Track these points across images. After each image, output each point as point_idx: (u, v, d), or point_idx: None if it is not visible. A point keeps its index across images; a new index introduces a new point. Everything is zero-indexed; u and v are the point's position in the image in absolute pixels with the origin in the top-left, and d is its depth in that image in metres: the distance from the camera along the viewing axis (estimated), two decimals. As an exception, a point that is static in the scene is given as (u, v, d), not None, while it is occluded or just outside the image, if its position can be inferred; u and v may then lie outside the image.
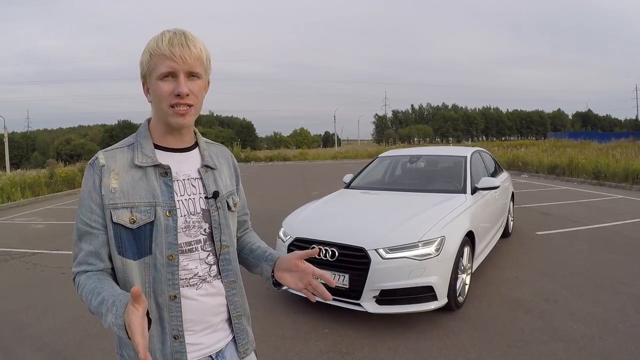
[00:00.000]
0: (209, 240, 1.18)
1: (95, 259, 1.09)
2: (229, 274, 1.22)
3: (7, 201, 12.01)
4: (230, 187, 1.29)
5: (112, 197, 1.07)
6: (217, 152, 1.30)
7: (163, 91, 1.06)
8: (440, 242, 3.37)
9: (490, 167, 5.88)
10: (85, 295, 1.06)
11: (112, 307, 0.96)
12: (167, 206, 1.10)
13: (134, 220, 1.07)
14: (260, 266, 1.33)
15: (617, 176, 12.23)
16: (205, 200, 1.18)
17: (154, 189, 1.10)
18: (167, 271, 1.10)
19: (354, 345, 3.16)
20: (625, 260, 4.98)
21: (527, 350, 2.98)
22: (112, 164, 1.10)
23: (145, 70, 1.10)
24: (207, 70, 1.14)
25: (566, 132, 62.80)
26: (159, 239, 1.09)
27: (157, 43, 1.06)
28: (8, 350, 3.26)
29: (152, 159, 1.11)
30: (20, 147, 69.78)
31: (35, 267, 5.50)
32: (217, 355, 1.21)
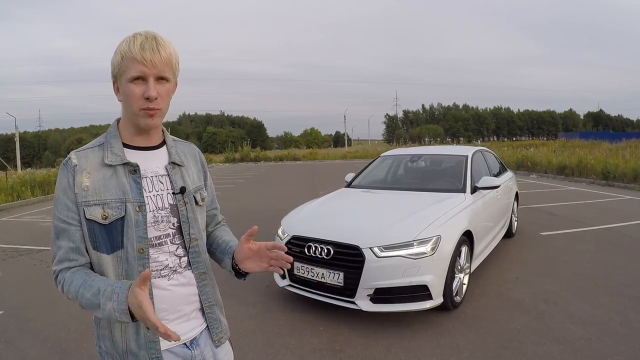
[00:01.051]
0: (177, 234, 1.23)
1: (76, 254, 1.14)
2: (198, 265, 1.27)
3: (18, 199, 12.22)
4: (198, 183, 1.34)
5: (84, 194, 1.12)
6: (185, 149, 1.35)
7: (133, 94, 1.11)
8: (435, 241, 3.36)
9: (493, 166, 5.85)
10: (73, 290, 1.09)
11: (112, 294, 1.03)
12: (136, 202, 1.15)
13: (105, 216, 1.12)
14: (224, 260, 1.37)
15: (626, 177, 12.06)
16: (172, 196, 1.23)
17: (124, 186, 1.15)
18: (138, 264, 1.14)
19: (347, 343, 3.17)
20: (629, 262, 4.92)
21: (521, 351, 2.96)
22: (84, 164, 1.15)
23: (117, 71, 1.14)
24: (175, 73, 1.19)
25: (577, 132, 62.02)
26: (129, 234, 1.14)
27: (129, 46, 1.10)
28: (11, 342, 3.34)
29: (121, 158, 1.17)
30: (32, 146, 70.96)
31: (41, 263, 5.61)
32: (191, 343, 1.27)
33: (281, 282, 3.85)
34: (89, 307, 1.08)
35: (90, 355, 3.09)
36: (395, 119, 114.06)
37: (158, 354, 1.17)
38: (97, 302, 1.05)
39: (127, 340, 1.16)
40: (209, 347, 1.32)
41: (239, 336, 3.31)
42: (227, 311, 1.46)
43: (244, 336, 3.33)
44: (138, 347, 1.16)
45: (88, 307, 1.09)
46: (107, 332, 1.18)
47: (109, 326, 1.17)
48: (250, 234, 1.25)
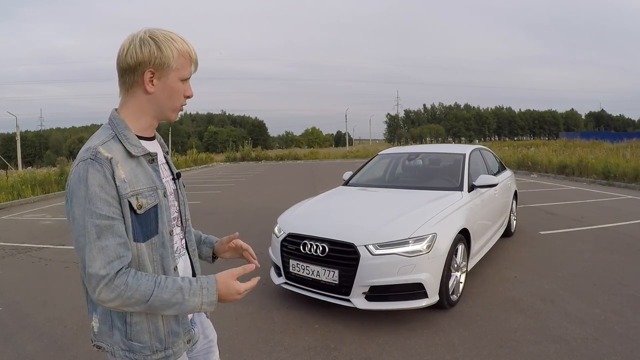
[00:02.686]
0: (179, 217, 1.34)
1: (125, 250, 1.10)
2: (192, 243, 1.41)
3: (18, 198, 12.25)
4: None
5: (125, 187, 1.11)
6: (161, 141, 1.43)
7: (180, 91, 1.21)
8: (431, 239, 3.35)
9: (492, 165, 5.84)
10: (142, 293, 1.07)
11: (201, 290, 1.14)
12: (162, 188, 1.23)
13: (140, 206, 1.14)
14: (199, 248, 1.53)
15: (626, 176, 12.03)
16: (172, 181, 1.34)
17: (150, 174, 1.21)
18: (169, 245, 1.23)
19: (342, 341, 3.17)
20: (628, 261, 4.90)
21: (517, 350, 2.95)
22: (114, 156, 1.12)
23: (165, 64, 1.15)
24: None
25: (578, 132, 61.82)
26: (164, 219, 1.22)
27: (189, 48, 1.20)
28: (8, 338, 3.36)
29: (142, 149, 1.19)
30: (34, 145, 71.09)
31: (40, 261, 5.62)
32: (191, 322, 1.37)
33: (277, 280, 3.85)
34: (160, 307, 1.10)
35: (86, 351, 3.10)
36: (396, 119, 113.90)
37: (189, 326, 1.31)
38: (175, 300, 1.10)
39: (170, 323, 1.23)
40: (200, 325, 1.45)
41: (234, 333, 3.31)
42: (223, 308, 1.56)
43: (239, 333, 3.33)
44: (178, 325, 1.25)
45: (157, 308, 1.10)
46: (145, 326, 1.18)
47: (148, 319, 1.18)
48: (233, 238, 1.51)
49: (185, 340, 1.28)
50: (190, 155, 31.34)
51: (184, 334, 1.28)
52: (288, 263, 3.65)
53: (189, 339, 1.29)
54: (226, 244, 1.51)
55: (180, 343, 1.26)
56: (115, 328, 1.19)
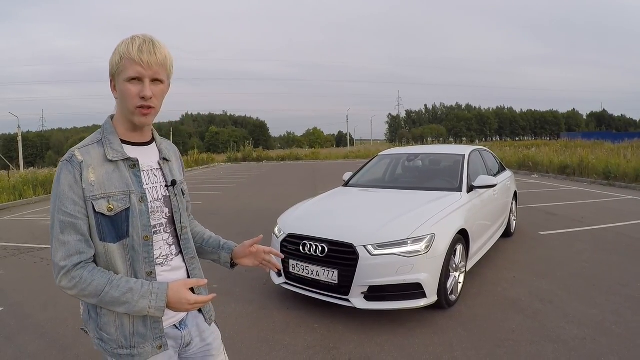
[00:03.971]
0: (169, 223, 1.35)
1: (86, 246, 1.19)
2: (189, 251, 1.41)
3: (20, 198, 12.29)
4: (180, 177, 1.46)
5: (91, 189, 1.18)
6: (168, 146, 1.46)
7: (130, 93, 1.20)
8: (429, 239, 3.37)
9: (492, 166, 5.86)
10: (93, 288, 1.16)
11: (150, 294, 1.17)
12: (139, 193, 1.25)
13: (111, 208, 1.20)
14: (218, 254, 1.56)
15: (627, 177, 12.02)
16: (165, 188, 1.35)
17: (127, 179, 1.24)
18: (143, 250, 1.25)
19: (341, 340, 3.19)
20: (627, 261, 4.91)
21: (515, 350, 2.97)
22: (88, 160, 1.21)
23: (115, 70, 1.22)
24: (169, 75, 1.28)
25: (580, 132, 61.66)
26: (135, 223, 1.23)
27: (128, 48, 1.18)
28: (10, 338, 3.39)
29: (122, 154, 1.25)
30: (35, 146, 71.19)
31: (42, 261, 5.66)
32: (180, 324, 1.39)
33: (277, 280, 3.87)
34: (110, 303, 1.17)
35: (88, 351, 3.13)
36: (397, 119, 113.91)
37: (161, 333, 1.29)
38: (125, 299, 1.16)
39: (135, 324, 1.26)
40: (196, 328, 1.43)
41: (234, 333, 3.34)
42: (223, 308, 1.57)
43: (240, 333, 3.36)
44: (145, 329, 1.27)
45: (108, 303, 1.18)
46: (112, 320, 1.25)
47: (115, 315, 1.24)
48: (256, 242, 1.51)
49: (155, 345, 1.28)
50: (192, 156, 31.40)
51: (153, 339, 1.28)
52: (288, 263, 3.67)
53: (160, 345, 1.28)
54: (247, 247, 1.51)
55: (148, 346, 1.27)
56: (91, 316, 1.29)
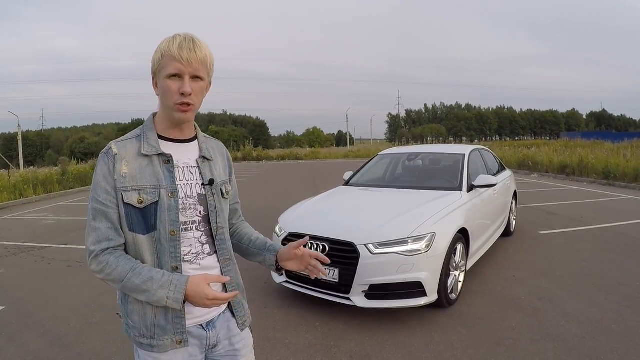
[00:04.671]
0: (203, 222, 1.34)
1: (115, 234, 1.24)
2: (224, 252, 1.39)
3: (20, 198, 12.31)
4: (224, 177, 1.45)
5: (123, 181, 1.23)
6: (214, 145, 1.46)
7: (170, 89, 1.22)
8: (430, 238, 3.39)
9: (491, 165, 5.87)
10: (117, 274, 1.21)
11: (169, 285, 1.19)
12: (169, 189, 1.26)
13: (141, 200, 1.23)
14: (263, 256, 1.53)
15: (627, 176, 12.05)
16: (201, 187, 1.34)
17: (159, 174, 1.26)
18: (170, 245, 1.26)
19: (342, 339, 3.21)
20: (626, 260, 4.93)
21: (514, 348, 2.99)
22: (123, 153, 1.26)
23: (156, 67, 1.25)
24: (209, 73, 1.29)
25: (579, 132, 61.66)
26: (162, 217, 1.25)
27: (169, 45, 1.21)
28: (12, 336, 3.40)
29: (156, 149, 1.28)
30: (35, 145, 71.06)
31: (43, 260, 5.67)
32: (207, 325, 1.36)
33: (278, 279, 3.89)
34: (132, 290, 1.21)
35: (89, 349, 3.15)
36: (397, 119, 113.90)
37: (183, 329, 1.29)
38: (145, 288, 1.19)
39: (157, 316, 1.27)
40: (225, 331, 1.40)
41: (235, 332, 3.35)
42: None
43: (241, 332, 3.37)
44: (166, 322, 1.27)
45: (130, 290, 1.21)
46: (137, 308, 1.29)
47: (140, 304, 1.28)
48: (302, 243, 1.44)
49: (175, 340, 1.29)
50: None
51: (173, 333, 1.28)
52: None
53: (180, 340, 1.29)
54: (292, 249, 1.44)
55: (167, 339, 1.28)
56: (122, 302, 1.34)
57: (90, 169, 17.22)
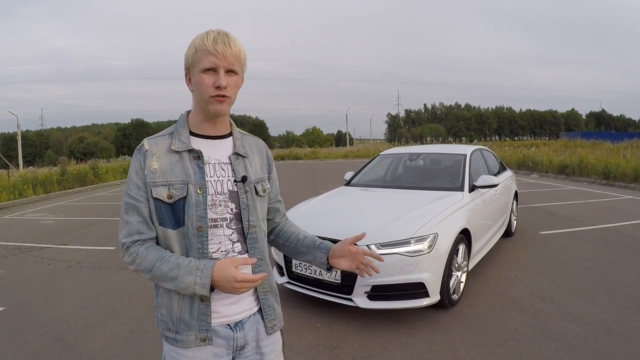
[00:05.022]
0: (235, 220, 1.32)
1: (145, 228, 1.27)
2: (256, 251, 1.35)
3: (19, 198, 12.29)
4: (261, 175, 1.42)
5: (152, 176, 1.25)
6: (251, 142, 1.45)
7: (205, 83, 1.22)
8: (432, 238, 3.38)
9: (492, 165, 5.87)
10: (147, 263, 1.23)
11: (196, 270, 1.18)
12: (198, 184, 1.26)
13: (170, 196, 1.25)
14: (313, 254, 1.47)
15: (627, 176, 12.05)
16: (233, 183, 1.33)
17: (188, 169, 1.27)
18: (197, 241, 1.26)
19: (344, 340, 3.20)
20: (627, 261, 4.93)
21: (517, 349, 2.98)
22: (154, 149, 1.28)
23: (190, 62, 1.26)
24: (243, 68, 1.29)
25: (579, 132, 61.70)
26: (190, 212, 1.25)
27: (203, 40, 1.22)
28: (12, 337, 3.38)
29: (186, 145, 1.29)
30: (34, 145, 71.01)
31: (42, 260, 5.65)
32: (235, 325, 1.33)
33: (280, 280, 3.88)
34: (160, 279, 1.22)
35: (90, 350, 3.14)
36: (397, 118, 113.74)
37: (208, 327, 1.28)
38: (173, 275, 1.19)
39: (182, 310, 1.28)
40: (254, 333, 1.37)
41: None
42: None
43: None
44: (191, 317, 1.27)
45: (159, 279, 1.23)
46: (165, 301, 1.30)
47: (168, 296, 1.29)
48: (358, 239, 1.41)
49: (199, 337, 1.28)
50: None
51: (198, 330, 1.28)
52: (290, 262, 3.68)
53: (204, 338, 1.28)
54: (346, 246, 1.39)
55: (191, 336, 1.28)
56: (154, 294, 1.36)
57: (90, 168, 17.20)
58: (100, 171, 17.64)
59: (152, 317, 3.75)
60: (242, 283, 1.17)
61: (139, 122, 75.97)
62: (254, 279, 1.19)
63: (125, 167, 20.62)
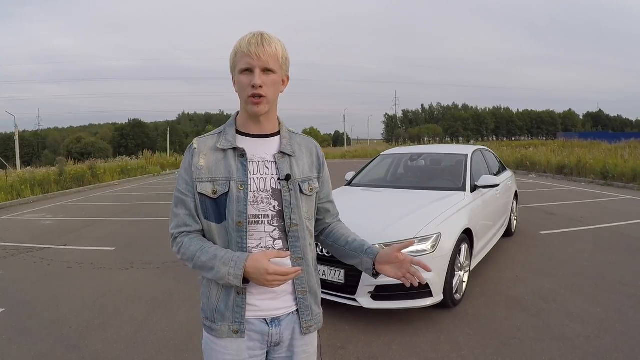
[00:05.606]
0: (277, 217, 1.33)
1: (192, 221, 1.34)
2: (296, 250, 1.35)
3: (17, 198, 12.25)
4: (309, 174, 1.42)
5: (199, 173, 1.32)
6: (301, 141, 1.46)
7: (242, 83, 1.28)
8: (436, 238, 3.38)
9: (493, 165, 5.88)
10: (190, 252, 1.29)
11: (230, 262, 1.22)
12: (239, 181, 1.31)
13: (215, 191, 1.31)
14: (360, 258, 1.44)
15: (625, 176, 12.11)
16: (277, 181, 1.34)
17: (231, 167, 1.32)
18: (236, 235, 1.30)
19: (348, 340, 3.20)
20: (627, 260, 4.95)
21: (520, 348, 2.99)
22: (202, 147, 1.36)
23: (232, 65, 1.33)
24: (282, 66, 1.32)
25: (576, 132, 61.92)
26: (231, 208, 1.30)
27: (241, 43, 1.28)
28: (13, 339, 3.36)
29: (231, 143, 1.34)
30: (32, 145, 70.74)
31: (42, 261, 5.63)
32: (272, 321, 1.35)
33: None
34: (200, 268, 1.28)
35: (93, 352, 3.12)
36: (394, 119, 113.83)
37: (242, 319, 1.31)
38: (211, 265, 1.24)
39: (219, 300, 1.32)
40: (290, 331, 1.38)
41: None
42: None
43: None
44: (226, 309, 1.31)
45: (199, 268, 1.29)
46: (207, 290, 1.36)
47: (209, 286, 1.34)
48: (407, 246, 1.40)
49: (233, 328, 1.31)
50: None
51: (232, 321, 1.31)
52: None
53: (237, 330, 1.31)
54: (394, 252, 1.34)
55: (225, 326, 1.31)
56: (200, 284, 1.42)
57: (88, 169, 17.15)
58: (99, 171, 17.59)
59: (153, 318, 3.76)
60: (273, 276, 1.19)
61: (136, 123, 75.87)
62: (286, 272, 1.21)
63: (123, 167, 20.59)
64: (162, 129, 74.32)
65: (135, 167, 21.72)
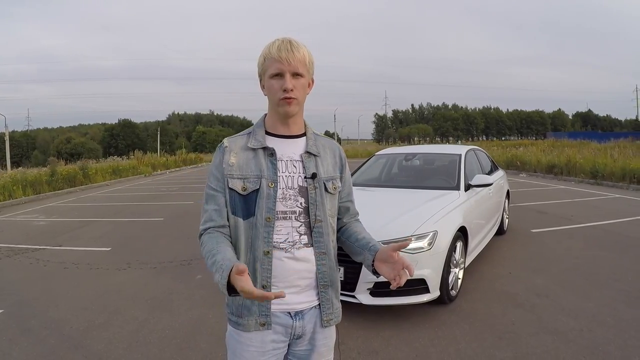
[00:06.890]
0: (303, 213, 1.41)
1: (217, 216, 1.39)
2: (320, 245, 1.42)
3: (9, 199, 12.13)
4: (332, 174, 1.50)
5: (229, 169, 1.39)
6: (325, 143, 1.53)
7: (274, 87, 1.36)
8: (432, 236, 3.46)
9: (485, 165, 5.98)
10: (203, 253, 1.35)
11: (220, 270, 1.23)
12: (270, 179, 1.38)
13: (245, 188, 1.37)
14: (363, 255, 1.47)
15: (614, 176, 12.32)
16: (303, 179, 1.42)
17: (262, 165, 1.39)
18: (264, 230, 1.36)
19: (348, 336, 3.25)
20: (617, 257, 5.08)
21: (516, 341, 3.08)
22: (232, 146, 1.43)
23: (261, 70, 1.40)
24: (309, 70, 1.41)
25: (566, 132, 62.66)
26: (260, 204, 1.36)
27: (270, 49, 1.36)
28: (13, 340, 3.36)
29: (261, 143, 1.41)
30: (21, 145, 69.68)
31: (38, 262, 5.61)
32: (295, 314, 1.41)
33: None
34: (210, 268, 1.29)
35: (95, 352, 3.14)
36: (384, 119, 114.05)
37: (267, 312, 1.36)
38: (213, 270, 1.26)
39: None
40: (312, 325, 1.43)
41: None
42: None
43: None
44: (252, 303, 1.36)
45: (209, 268, 1.30)
46: None
47: None
48: (402, 247, 1.37)
49: (259, 322, 1.36)
50: (180, 155, 31.32)
51: (258, 315, 1.36)
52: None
53: (264, 323, 1.36)
54: (389, 251, 1.34)
55: (252, 320, 1.36)
56: None
57: (79, 169, 17.02)
58: (90, 172, 17.45)
59: (154, 318, 3.78)
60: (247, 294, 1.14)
61: (126, 123, 75.11)
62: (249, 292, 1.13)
63: (115, 167, 20.45)
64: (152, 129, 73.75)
65: (127, 168, 21.58)
